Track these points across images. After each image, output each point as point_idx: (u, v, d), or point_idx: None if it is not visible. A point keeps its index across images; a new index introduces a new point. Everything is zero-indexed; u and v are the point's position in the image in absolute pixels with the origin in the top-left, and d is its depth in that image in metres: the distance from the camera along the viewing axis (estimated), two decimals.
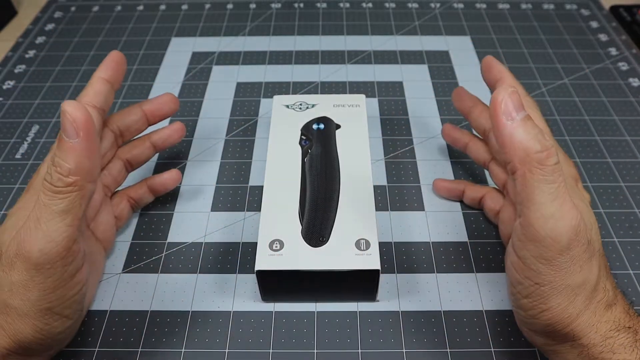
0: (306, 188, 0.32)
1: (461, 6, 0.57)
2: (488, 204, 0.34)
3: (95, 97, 0.28)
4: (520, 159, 0.22)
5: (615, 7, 0.56)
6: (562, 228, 0.22)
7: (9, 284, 0.23)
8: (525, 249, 0.23)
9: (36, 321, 0.24)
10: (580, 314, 0.23)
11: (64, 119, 0.23)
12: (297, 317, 0.31)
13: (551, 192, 0.22)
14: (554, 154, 0.22)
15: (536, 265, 0.23)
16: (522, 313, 0.25)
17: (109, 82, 0.29)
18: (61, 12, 0.57)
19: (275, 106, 0.38)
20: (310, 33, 0.53)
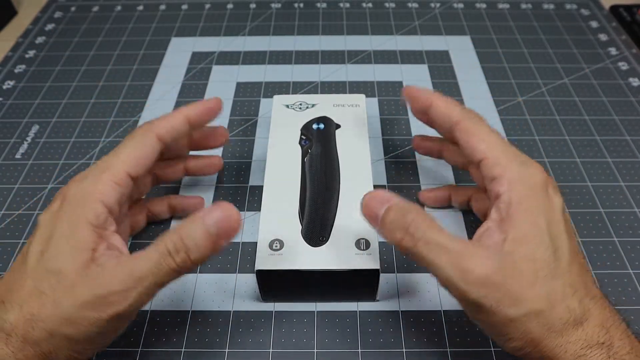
0: (306, 188, 0.32)
1: (461, 6, 0.57)
2: (475, 206, 0.34)
3: (168, 132, 0.28)
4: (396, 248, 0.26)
5: (615, 7, 0.56)
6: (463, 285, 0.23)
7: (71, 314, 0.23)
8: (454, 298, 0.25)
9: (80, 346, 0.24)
10: (542, 337, 0.23)
11: (228, 219, 0.24)
12: (297, 317, 0.31)
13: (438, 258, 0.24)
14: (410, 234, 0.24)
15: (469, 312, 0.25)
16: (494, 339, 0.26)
17: (191, 123, 0.29)
18: (61, 12, 0.57)
19: (275, 106, 0.38)
20: (310, 33, 0.53)
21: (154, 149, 0.28)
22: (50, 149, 0.41)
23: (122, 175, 0.27)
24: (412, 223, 0.24)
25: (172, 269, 0.24)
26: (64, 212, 0.25)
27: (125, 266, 0.24)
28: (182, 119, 0.29)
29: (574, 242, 0.25)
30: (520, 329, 0.23)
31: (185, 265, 0.24)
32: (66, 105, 0.45)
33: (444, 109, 0.29)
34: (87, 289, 0.23)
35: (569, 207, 0.36)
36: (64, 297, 0.23)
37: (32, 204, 0.37)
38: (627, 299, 0.31)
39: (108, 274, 0.24)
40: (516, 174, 0.26)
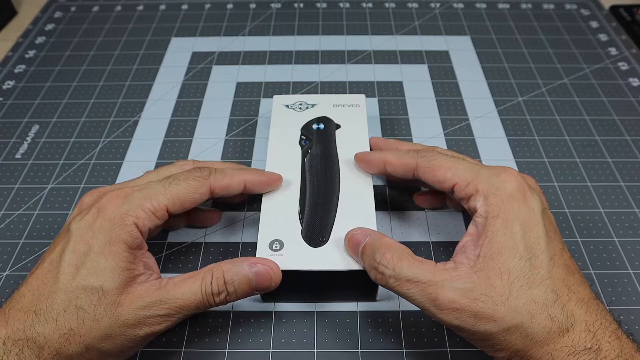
0: (306, 188, 0.32)
1: (461, 6, 0.57)
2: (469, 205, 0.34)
3: (221, 189, 0.29)
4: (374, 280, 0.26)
5: (615, 7, 0.56)
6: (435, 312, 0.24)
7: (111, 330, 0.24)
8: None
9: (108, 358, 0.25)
10: (528, 347, 0.23)
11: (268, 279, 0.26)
12: (297, 317, 0.31)
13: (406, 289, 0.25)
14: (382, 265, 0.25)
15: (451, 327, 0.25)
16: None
17: (247, 187, 0.30)
18: (61, 12, 0.57)
19: (275, 106, 0.38)
20: (310, 33, 0.53)
21: (202, 198, 0.29)
22: (50, 149, 0.41)
23: (163, 209, 0.27)
24: (381, 261, 0.25)
25: (209, 304, 0.26)
26: (100, 228, 0.25)
27: (169, 292, 0.25)
28: (241, 183, 0.30)
29: (555, 243, 0.25)
30: (503, 342, 0.23)
31: (216, 303, 0.26)
32: (66, 105, 0.45)
33: (398, 164, 0.30)
34: (130, 309, 0.24)
35: (569, 207, 0.36)
36: (105, 314, 0.24)
37: (32, 204, 0.37)
38: (627, 299, 0.31)
39: (150, 296, 0.25)
40: (488, 187, 0.26)
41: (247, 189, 0.30)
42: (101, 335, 0.24)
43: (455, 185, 0.28)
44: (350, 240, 0.28)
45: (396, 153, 0.30)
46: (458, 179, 0.27)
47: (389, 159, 0.30)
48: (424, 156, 0.29)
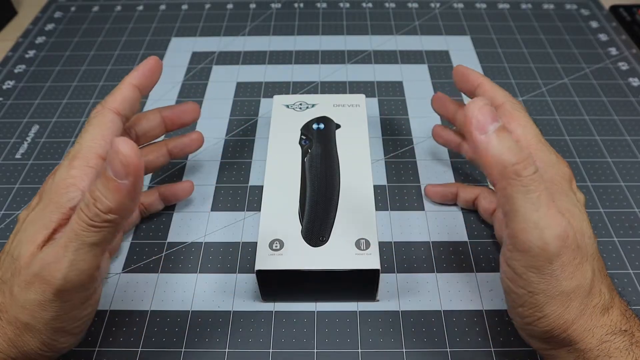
0: (306, 188, 0.32)
1: (461, 6, 0.57)
2: (482, 204, 0.34)
3: (121, 104, 0.28)
4: (498, 172, 0.22)
5: (615, 7, 0.56)
6: (548, 237, 0.22)
7: (24, 301, 0.23)
8: (514, 259, 0.23)
9: (45, 337, 0.24)
10: (576, 319, 0.23)
11: (115, 159, 0.21)
12: (297, 317, 0.31)
13: (533, 202, 0.22)
14: (531, 164, 0.22)
15: (527, 274, 0.23)
16: (518, 320, 0.25)
17: (139, 88, 0.29)
18: (61, 12, 0.57)
19: (275, 106, 0.38)
20: (310, 33, 0.53)
21: (115, 124, 0.27)
22: (50, 149, 0.41)
23: (92, 157, 0.26)
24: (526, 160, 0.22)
25: (90, 226, 0.22)
26: (38, 205, 0.25)
27: (56, 239, 0.23)
28: (129, 87, 0.28)
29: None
30: (563, 305, 0.23)
31: (100, 219, 0.22)
32: (66, 105, 0.45)
33: (490, 91, 0.30)
34: (27, 270, 0.23)
35: None
36: (16, 284, 0.23)
37: None
38: (627, 298, 0.31)
39: (43, 252, 0.23)
40: (547, 161, 0.27)
41: (141, 87, 0.29)
42: (17, 307, 0.23)
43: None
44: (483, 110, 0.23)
45: (492, 83, 0.30)
46: (523, 139, 0.27)
47: (485, 84, 0.30)
48: (511, 102, 0.29)
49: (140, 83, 0.29)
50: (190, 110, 0.34)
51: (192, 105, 0.34)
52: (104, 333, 0.30)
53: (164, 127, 0.33)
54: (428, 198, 0.37)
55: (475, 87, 0.30)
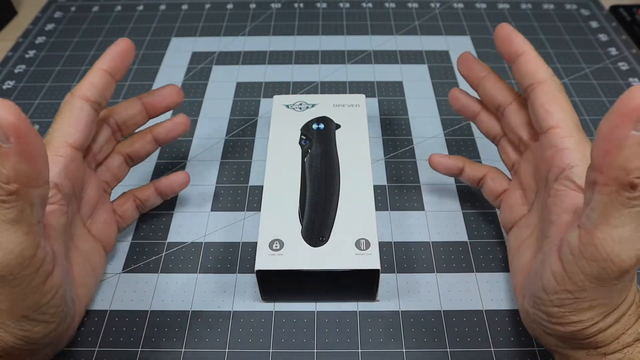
0: (306, 188, 0.32)
1: (461, 6, 0.57)
2: (489, 184, 0.32)
3: (89, 90, 0.27)
4: (615, 176, 0.19)
5: (615, 7, 0.56)
6: (628, 254, 0.20)
7: None
8: (576, 265, 0.21)
9: (13, 329, 0.23)
10: (609, 328, 0.22)
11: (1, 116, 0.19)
12: (297, 317, 0.31)
13: (630, 218, 0.20)
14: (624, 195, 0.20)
15: (584, 283, 0.21)
16: (545, 318, 0.24)
17: (109, 72, 0.28)
18: (61, 12, 0.57)
19: (275, 106, 0.38)
20: (310, 33, 0.53)
21: (84, 111, 0.27)
22: None
23: (61, 145, 0.26)
24: None
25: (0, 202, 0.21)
26: None
27: None
28: (98, 72, 0.28)
29: None
30: (603, 314, 0.22)
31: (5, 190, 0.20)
32: None
33: (533, 63, 0.27)
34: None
35: None
36: None
37: None
38: None
39: None
40: (586, 153, 0.25)
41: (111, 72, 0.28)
42: None
43: (554, 128, 0.26)
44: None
45: (537, 55, 0.28)
46: (563, 125, 0.26)
47: (530, 53, 0.28)
48: (555, 82, 0.27)
49: (109, 67, 0.28)
50: (170, 93, 0.32)
51: (171, 88, 0.32)
52: (104, 333, 0.30)
53: (145, 114, 0.32)
54: (431, 167, 0.34)
55: (519, 55, 0.28)
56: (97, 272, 0.31)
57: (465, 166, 0.33)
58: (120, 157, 0.32)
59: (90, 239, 0.30)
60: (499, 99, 0.30)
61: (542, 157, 0.27)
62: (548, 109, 0.26)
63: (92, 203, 0.30)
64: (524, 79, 0.28)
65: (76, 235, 0.28)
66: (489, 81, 0.31)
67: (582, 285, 0.22)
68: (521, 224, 0.29)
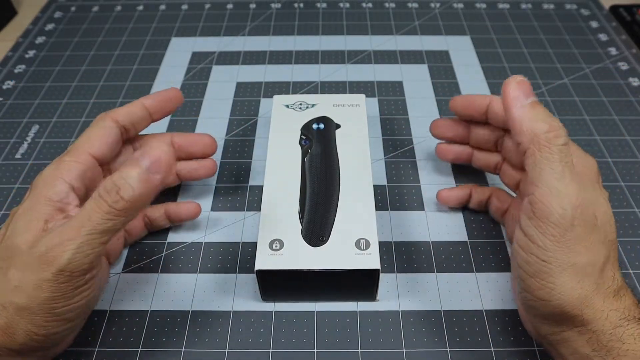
0: (306, 188, 0.32)
1: (461, 6, 0.57)
2: (494, 203, 0.34)
3: (122, 116, 0.30)
4: (529, 139, 0.25)
5: (615, 7, 0.56)
6: (567, 204, 0.23)
7: (19, 281, 0.23)
8: (532, 226, 0.24)
9: (37, 317, 0.24)
10: (589, 297, 0.23)
11: (156, 154, 0.23)
12: (297, 317, 0.31)
13: (558, 171, 0.24)
14: (562, 135, 0.24)
15: (543, 241, 0.24)
16: (529, 296, 0.25)
17: (149, 110, 0.31)
18: (61, 12, 0.57)
19: (275, 106, 0.38)
20: (310, 33, 0.53)
21: (111, 130, 0.29)
22: (50, 149, 0.41)
23: (82, 153, 0.28)
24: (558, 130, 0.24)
25: (107, 212, 0.23)
26: (29, 198, 0.26)
27: (66, 222, 0.24)
28: (139, 105, 0.31)
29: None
30: (576, 278, 0.23)
31: (119, 206, 0.23)
32: (66, 105, 0.45)
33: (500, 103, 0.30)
34: (30, 251, 0.23)
35: None
36: (12, 267, 0.24)
37: None
38: None
39: (50, 234, 0.24)
40: (576, 153, 0.27)
41: (151, 110, 0.31)
42: (10, 288, 0.23)
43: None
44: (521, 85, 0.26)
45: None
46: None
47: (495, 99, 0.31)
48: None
49: (151, 106, 0.31)
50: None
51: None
52: (104, 333, 0.30)
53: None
54: (441, 203, 0.35)
55: (486, 106, 0.31)
56: (102, 282, 0.30)
57: (472, 191, 0.35)
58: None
59: None
60: (495, 135, 0.33)
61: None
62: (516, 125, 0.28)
63: None
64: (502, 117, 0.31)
65: None
66: (477, 127, 0.34)
67: (543, 245, 0.24)
68: None
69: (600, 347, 0.23)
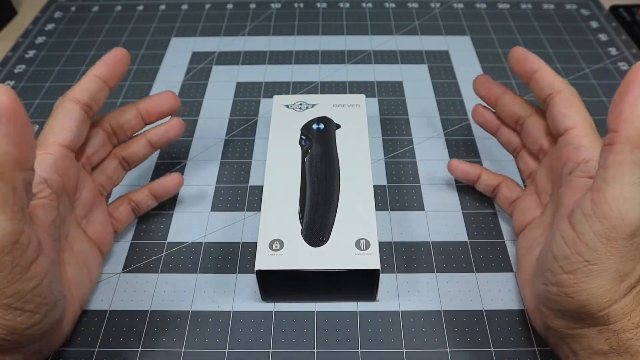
0: (306, 188, 0.32)
1: (461, 6, 0.57)
2: (504, 192, 0.34)
3: (80, 93, 0.28)
4: (629, 135, 0.22)
5: (615, 7, 0.56)
6: (638, 213, 0.22)
7: None
8: (587, 225, 0.23)
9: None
10: (619, 300, 0.23)
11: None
12: (297, 317, 0.31)
13: (638, 178, 0.22)
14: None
15: (594, 243, 0.22)
16: (555, 290, 0.24)
17: (102, 79, 0.29)
18: (61, 12, 0.57)
19: (275, 106, 0.38)
20: (310, 33, 0.53)
21: (74, 112, 0.28)
22: None
23: (50, 144, 0.27)
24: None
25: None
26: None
27: None
28: (91, 77, 0.29)
29: None
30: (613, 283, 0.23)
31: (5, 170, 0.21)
32: None
33: (550, 76, 0.30)
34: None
35: None
36: None
37: None
38: None
39: None
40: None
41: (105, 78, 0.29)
42: None
43: (572, 129, 0.28)
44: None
45: (551, 69, 0.30)
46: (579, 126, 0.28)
47: (544, 69, 0.30)
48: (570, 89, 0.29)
49: (102, 74, 0.29)
50: (167, 99, 0.33)
51: (168, 94, 0.33)
52: (104, 333, 0.30)
53: (141, 119, 0.33)
54: (449, 170, 0.36)
55: (535, 71, 0.30)
56: (93, 274, 0.31)
57: (482, 173, 0.35)
58: (115, 161, 0.33)
59: (86, 240, 0.30)
60: (518, 112, 0.32)
61: (559, 155, 0.28)
62: (566, 112, 0.28)
63: (87, 204, 0.30)
64: (542, 91, 0.30)
65: (71, 236, 0.29)
66: (508, 97, 0.33)
67: (592, 246, 0.22)
68: (533, 225, 0.30)
69: (619, 346, 0.23)
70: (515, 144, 0.34)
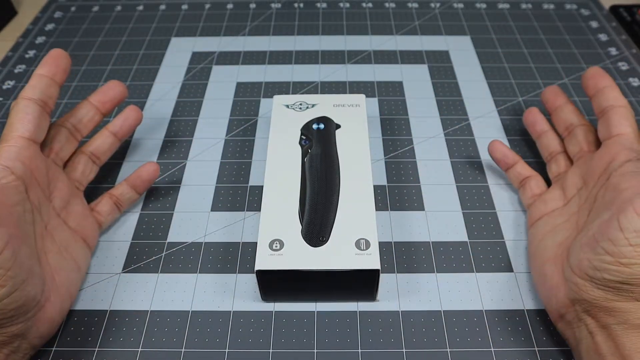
0: (306, 188, 0.32)
1: (461, 6, 0.57)
2: (532, 185, 0.35)
3: (31, 91, 0.30)
4: None
5: (615, 7, 0.56)
6: None
7: None
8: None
9: None
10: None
11: None
12: (297, 317, 0.31)
13: None
14: None
15: None
16: (608, 259, 0.25)
17: (48, 76, 0.31)
18: (61, 12, 0.57)
19: (275, 106, 0.38)
20: (310, 33, 0.53)
21: (29, 107, 0.30)
22: None
23: (10, 138, 0.29)
24: None
25: None
26: None
27: None
28: (36, 76, 0.31)
29: None
30: None
31: None
32: (66, 105, 0.45)
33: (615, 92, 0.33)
34: None
35: None
36: None
37: None
38: None
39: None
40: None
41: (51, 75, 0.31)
42: None
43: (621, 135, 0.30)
44: None
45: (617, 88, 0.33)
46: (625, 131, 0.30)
47: (613, 86, 0.33)
48: (630, 109, 0.32)
49: (47, 71, 0.31)
50: (112, 86, 0.35)
51: (112, 83, 0.35)
52: (104, 333, 0.30)
53: (97, 110, 0.35)
54: (489, 150, 0.37)
55: (605, 87, 0.33)
56: (81, 263, 0.31)
57: (519, 163, 0.36)
58: (84, 157, 0.35)
59: (67, 229, 0.31)
60: (571, 120, 0.36)
61: (604, 154, 0.30)
62: (621, 121, 0.31)
63: (63, 196, 0.32)
64: (606, 102, 0.32)
65: (50, 225, 0.30)
66: (569, 106, 0.37)
67: None
68: (554, 214, 0.32)
69: None
70: (553, 148, 0.36)
